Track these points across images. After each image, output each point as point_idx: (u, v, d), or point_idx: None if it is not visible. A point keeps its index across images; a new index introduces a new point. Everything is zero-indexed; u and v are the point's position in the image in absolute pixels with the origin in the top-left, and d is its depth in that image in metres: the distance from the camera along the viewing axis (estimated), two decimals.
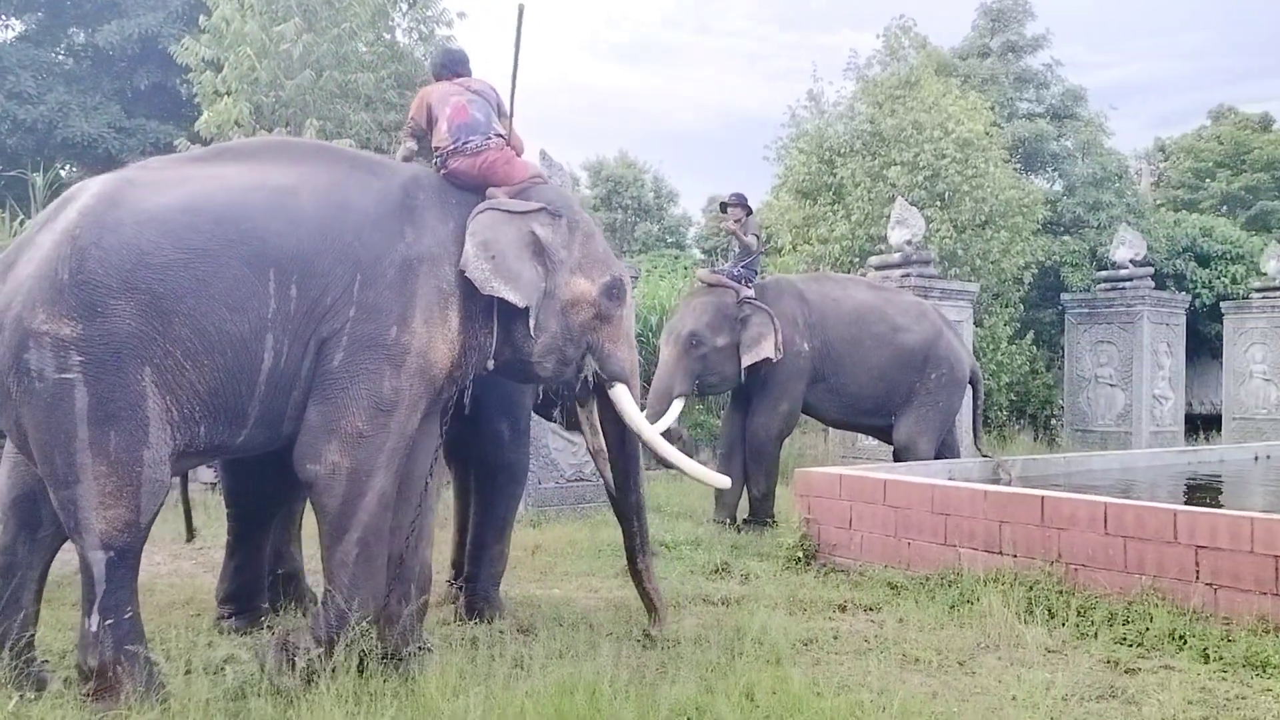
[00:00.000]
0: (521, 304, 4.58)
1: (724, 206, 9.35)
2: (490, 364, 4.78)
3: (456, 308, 4.55)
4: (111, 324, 3.93)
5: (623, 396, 5.01)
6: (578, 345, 4.84)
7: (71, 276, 3.93)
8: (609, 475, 5.31)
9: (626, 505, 5.32)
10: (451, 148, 4.83)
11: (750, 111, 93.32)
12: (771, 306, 8.63)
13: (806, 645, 5.19)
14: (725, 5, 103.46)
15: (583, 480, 9.48)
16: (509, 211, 4.68)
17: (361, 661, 4.24)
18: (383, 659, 4.40)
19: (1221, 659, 4.83)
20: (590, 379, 4.98)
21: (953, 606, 5.84)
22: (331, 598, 4.30)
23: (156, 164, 4.58)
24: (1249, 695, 4.42)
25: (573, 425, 5.39)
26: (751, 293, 8.71)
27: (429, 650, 4.67)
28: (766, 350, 8.42)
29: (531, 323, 4.65)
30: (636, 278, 12.18)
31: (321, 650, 4.14)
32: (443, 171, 4.87)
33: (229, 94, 12.99)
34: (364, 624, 4.26)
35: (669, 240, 31.98)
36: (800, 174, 16.62)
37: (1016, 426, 16.86)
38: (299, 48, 12.95)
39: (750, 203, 9.35)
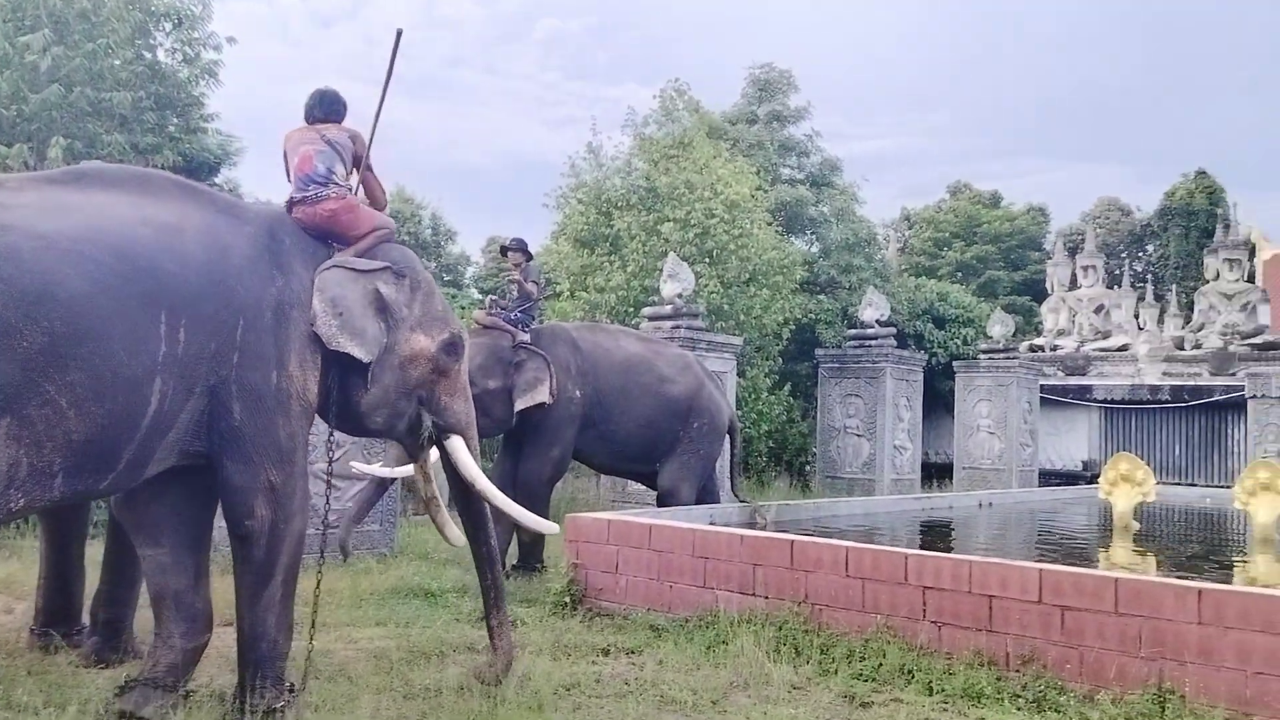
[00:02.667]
0: (366, 359, 4.71)
1: (504, 250, 9.43)
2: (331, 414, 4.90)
3: (320, 353, 4.66)
4: None
5: (458, 448, 5.15)
6: (410, 399, 4.97)
7: None
8: (440, 523, 5.45)
9: (477, 557, 5.38)
10: (296, 197, 4.90)
11: (534, 155, 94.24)
12: (546, 352, 8.75)
13: (569, 690, 5.27)
14: (514, 49, 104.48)
15: None
16: (355, 270, 4.79)
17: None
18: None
19: (943, 691, 5.30)
20: (428, 431, 5.10)
21: (709, 647, 6.08)
22: (261, 641, 4.52)
23: (14, 183, 4.19)
24: None
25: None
26: (528, 338, 8.80)
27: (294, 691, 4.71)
28: (541, 395, 8.51)
29: (369, 376, 4.77)
30: None
31: (281, 691, 4.52)
32: (292, 218, 4.92)
33: None
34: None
35: (446, 279, 31.66)
36: (579, 223, 16.99)
37: (774, 472, 17.78)
38: (47, 60, 12.01)
39: (530, 248, 9.48)
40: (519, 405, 8.52)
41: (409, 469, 7.89)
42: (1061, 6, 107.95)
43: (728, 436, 10.20)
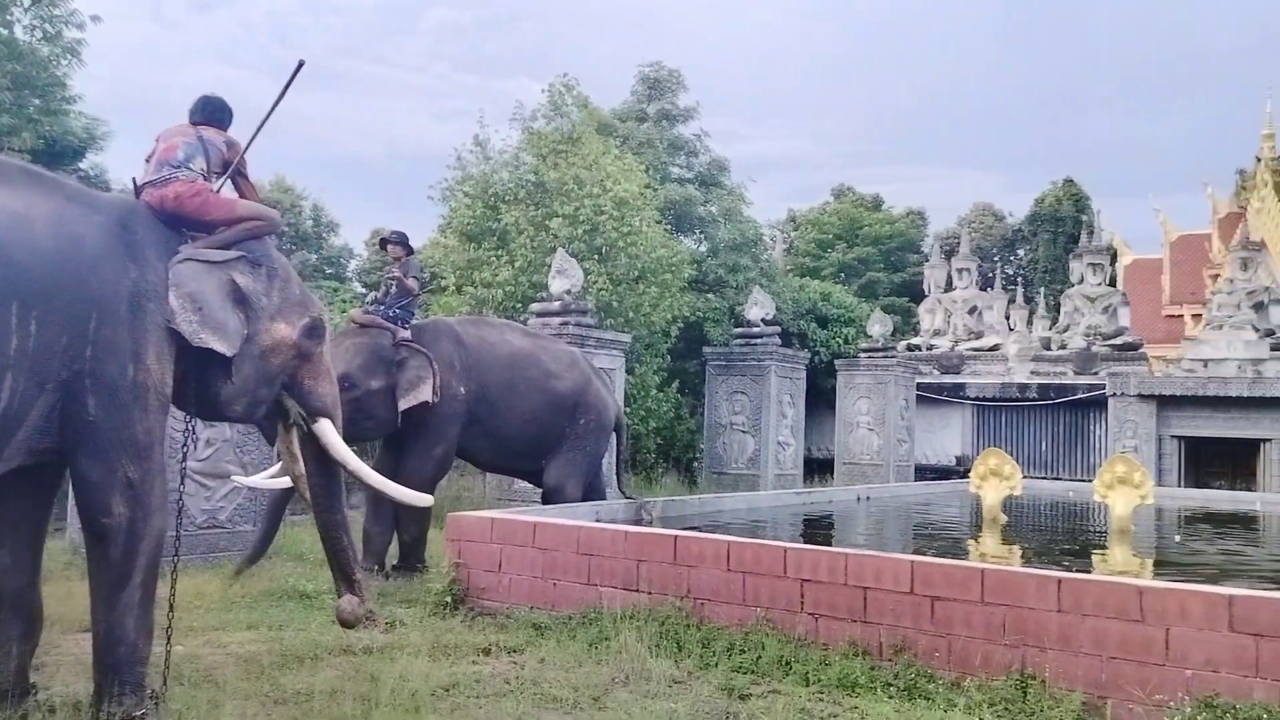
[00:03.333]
0: (229, 353, 4.60)
1: (384, 244, 9.22)
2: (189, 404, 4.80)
3: (178, 344, 4.52)
4: None
5: (326, 430, 5.12)
6: (271, 386, 4.91)
7: None
8: (309, 496, 5.38)
9: (332, 523, 5.28)
10: (146, 180, 4.75)
11: (422, 147, 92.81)
12: (428, 349, 8.58)
13: (448, 691, 5.18)
14: (403, 40, 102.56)
15: (216, 527, 8.86)
16: (209, 262, 4.65)
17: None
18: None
19: (820, 681, 5.40)
20: (295, 416, 5.05)
21: (592, 644, 6.07)
22: (119, 645, 4.35)
23: None
24: (839, 713, 4.98)
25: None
26: (408, 334, 8.63)
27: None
28: (425, 394, 8.35)
29: (231, 368, 4.66)
30: None
31: (141, 698, 4.36)
32: (142, 202, 4.75)
33: None
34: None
35: (328, 271, 30.87)
36: (465, 217, 16.77)
37: (662, 468, 17.91)
38: None
39: (413, 241, 9.30)
40: (403, 405, 8.35)
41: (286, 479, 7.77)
42: (943, 19, 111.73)
43: (614, 433, 10.21)
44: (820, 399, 21.27)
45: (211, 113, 5.11)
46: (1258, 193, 30.24)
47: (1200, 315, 23.81)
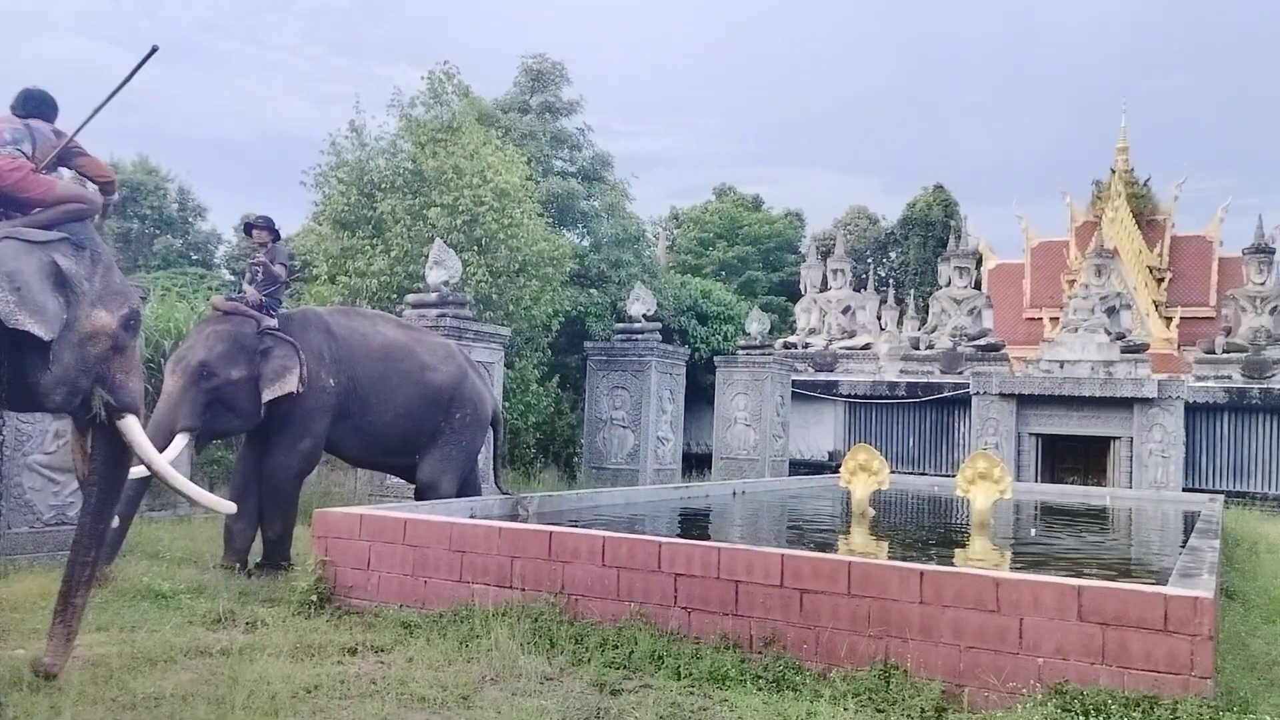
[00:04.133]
0: (47, 337, 4.40)
1: (249, 229, 8.87)
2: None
3: None
4: None
5: (133, 427, 4.92)
6: (90, 376, 4.70)
7: None
8: (88, 500, 5.07)
9: (93, 531, 4.97)
10: None
11: (296, 131, 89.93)
12: (296, 339, 8.28)
13: (310, 692, 5.00)
14: (278, 19, 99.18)
15: (65, 524, 8.36)
16: (29, 241, 4.47)
17: None
18: None
19: (691, 675, 5.43)
20: (101, 409, 4.81)
21: (463, 642, 5.97)
22: None
23: None
24: (710, 707, 5.01)
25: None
26: (274, 323, 8.31)
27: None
28: (290, 385, 8.05)
29: (49, 354, 4.46)
30: (146, 297, 11.11)
31: None
32: None
33: None
34: None
35: (194, 257, 29.63)
36: (340, 205, 16.30)
37: (542, 463, 17.80)
38: None
39: (286, 229, 8.96)
40: (266, 396, 8.04)
41: (142, 469, 7.43)
42: (823, 25, 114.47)
43: (491, 428, 10.07)
44: (700, 395, 21.49)
45: (35, 106, 5.02)
46: (1112, 203, 31.93)
47: (1058, 318, 24.99)
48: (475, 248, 15.83)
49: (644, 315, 18.09)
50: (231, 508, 5.86)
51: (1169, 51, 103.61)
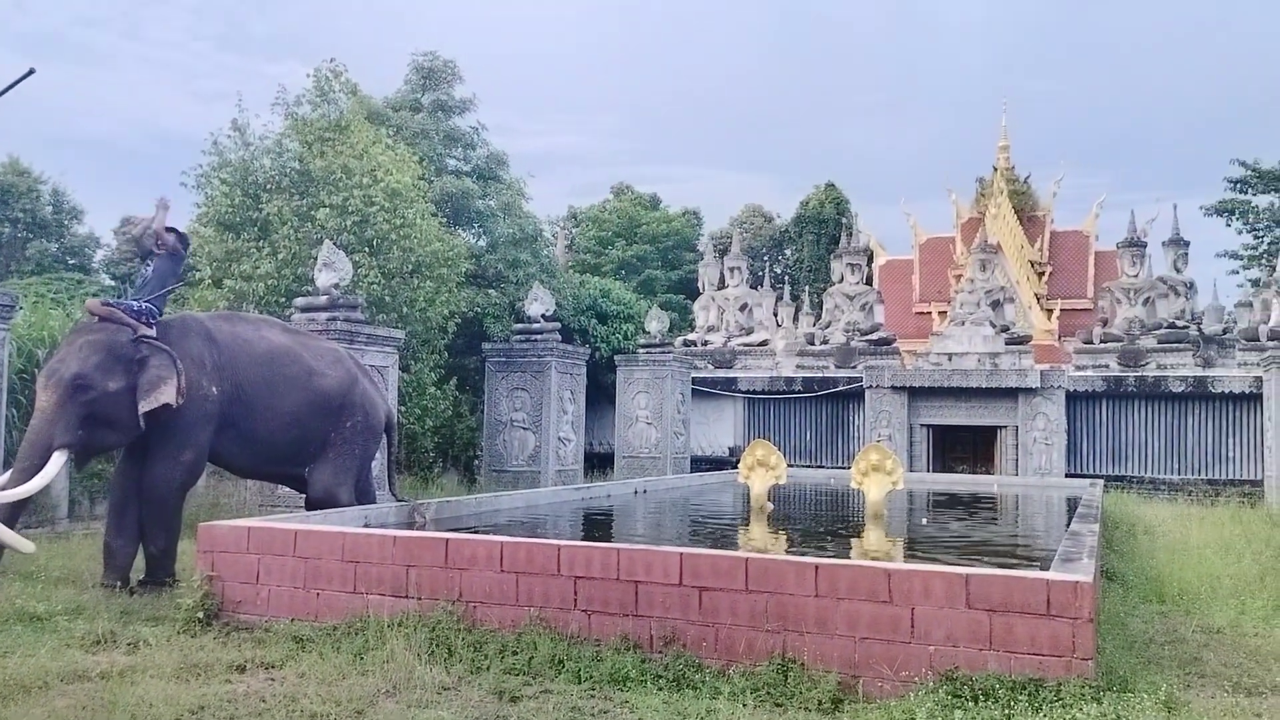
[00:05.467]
0: None
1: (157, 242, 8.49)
2: None
3: None
4: None
5: None
6: None
7: None
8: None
9: None
10: None
11: (179, 130, 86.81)
12: (175, 347, 7.94)
13: (195, 714, 4.81)
14: (161, 13, 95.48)
15: None
16: None
17: None
18: None
19: (592, 678, 5.40)
20: None
21: (358, 655, 5.82)
22: None
23: None
24: (610, 709, 4.99)
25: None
26: (152, 330, 7.95)
27: None
28: (167, 395, 7.72)
29: None
30: (11, 305, 10.54)
31: None
32: None
33: None
34: None
35: (70, 262, 28.30)
36: (223, 206, 15.75)
37: (441, 468, 17.52)
38: None
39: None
40: (144, 407, 7.69)
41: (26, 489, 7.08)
42: (720, 23, 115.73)
43: (385, 434, 9.85)
44: (601, 394, 21.47)
45: None
46: (995, 200, 33.07)
47: (946, 312, 25.78)
48: (366, 249, 15.49)
49: (543, 315, 17.97)
50: (30, 547, 5.50)
51: (1047, 53, 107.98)
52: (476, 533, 7.59)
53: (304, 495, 9.29)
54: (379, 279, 15.35)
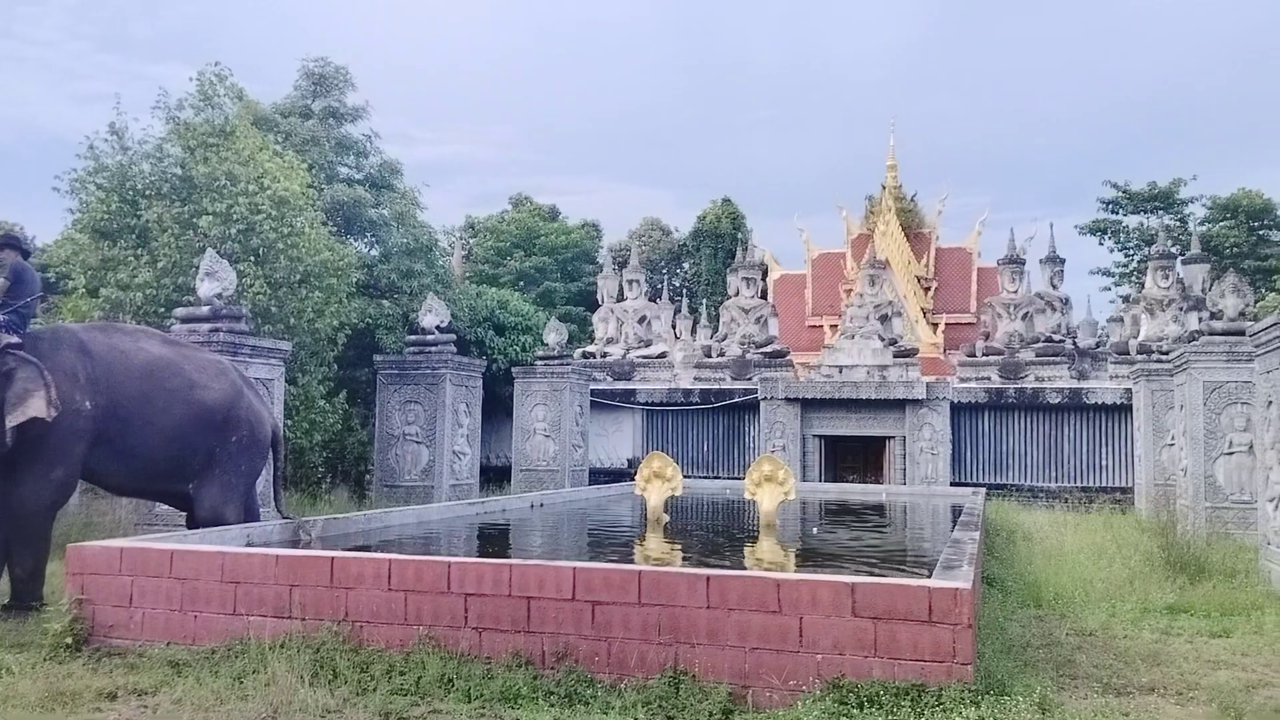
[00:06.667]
0: None
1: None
2: None
3: None
4: None
5: None
6: None
7: None
8: None
9: None
10: None
11: (56, 132, 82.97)
12: (45, 359, 7.56)
13: None
14: (38, 11, 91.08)
15: None
16: None
17: None
18: None
19: (482, 696, 5.32)
20: None
21: (237, 679, 5.62)
22: None
23: None
24: None
25: None
26: (18, 341, 7.55)
27: None
28: (35, 409, 7.34)
29: None
30: None
31: None
32: None
33: None
34: None
35: None
36: (99, 212, 15.09)
37: (330, 483, 17.08)
38: None
39: (36, 236, 8.18)
40: (10, 422, 7.31)
41: None
42: (617, 36, 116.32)
43: (271, 449, 9.54)
44: (498, 406, 21.27)
45: None
46: (883, 217, 33.99)
47: (837, 325, 26.35)
48: (252, 258, 15.03)
49: (437, 326, 17.72)
50: None
51: (933, 76, 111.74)
52: (366, 550, 7.42)
53: (185, 514, 8.94)
54: (265, 289, 14.90)
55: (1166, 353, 19.24)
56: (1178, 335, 20.83)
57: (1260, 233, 37.85)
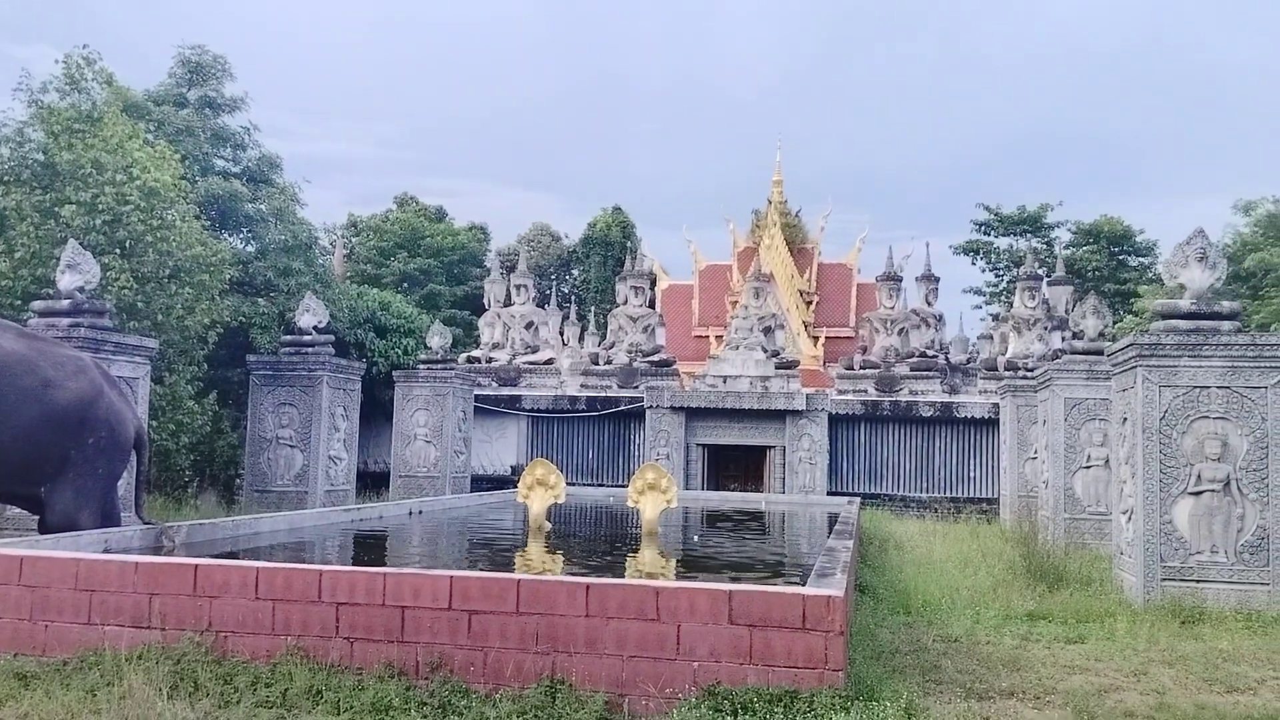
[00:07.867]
0: None
1: None
2: None
3: None
4: None
5: None
6: None
7: None
8: None
9: None
10: None
11: None
12: None
13: None
14: None
15: None
16: None
17: None
18: None
19: (352, 708, 5.17)
20: None
21: (91, 691, 5.34)
22: None
23: None
24: None
25: None
26: None
27: None
28: None
29: None
30: None
31: None
32: None
33: None
34: None
35: None
36: None
37: (198, 487, 16.42)
38: None
39: None
40: None
41: None
42: (506, 38, 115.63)
43: (134, 451, 9.11)
44: (378, 410, 20.80)
45: None
46: (769, 231, 34.68)
47: (723, 336, 26.71)
48: (118, 250, 14.33)
49: (315, 327, 17.24)
50: None
51: (816, 97, 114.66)
52: (233, 557, 7.14)
53: (36, 516, 8.45)
54: (131, 283, 14.23)
55: (1032, 370, 20.12)
56: (1042, 353, 21.81)
57: (1120, 257, 40.06)
